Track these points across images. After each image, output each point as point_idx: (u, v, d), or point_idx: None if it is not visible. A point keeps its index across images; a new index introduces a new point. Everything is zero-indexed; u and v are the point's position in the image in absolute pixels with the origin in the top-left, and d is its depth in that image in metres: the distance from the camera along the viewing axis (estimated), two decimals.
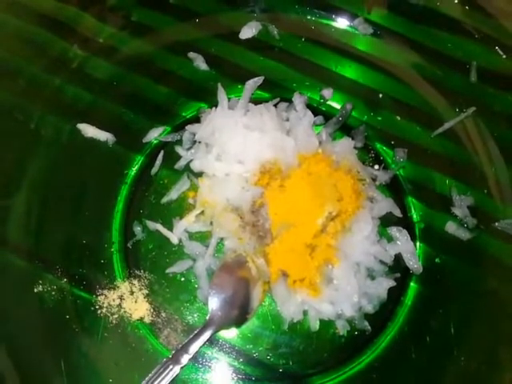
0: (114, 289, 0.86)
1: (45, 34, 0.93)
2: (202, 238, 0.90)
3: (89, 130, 0.93)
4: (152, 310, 0.86)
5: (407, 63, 1.00)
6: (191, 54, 0.99)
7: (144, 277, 0.88)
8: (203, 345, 0.81)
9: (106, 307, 0.85)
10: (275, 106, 0.96)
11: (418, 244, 0.92)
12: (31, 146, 0.90)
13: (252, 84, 0.94)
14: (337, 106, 1.01)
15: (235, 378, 0.84)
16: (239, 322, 0.85)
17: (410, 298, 0.89)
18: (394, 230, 0.91)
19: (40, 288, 0.83)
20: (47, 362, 0.81)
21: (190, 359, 0.79)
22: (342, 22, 1.02)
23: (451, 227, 0.91)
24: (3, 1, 0.93)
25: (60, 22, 0.95)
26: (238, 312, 0.84)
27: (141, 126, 0.97)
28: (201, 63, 0.99)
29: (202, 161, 0.90)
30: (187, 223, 0.88)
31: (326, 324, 0.86)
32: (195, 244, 0.89)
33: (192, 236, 0.90)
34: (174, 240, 0.89)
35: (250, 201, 0.86)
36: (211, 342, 0.85)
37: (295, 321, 0.85)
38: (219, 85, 0.92)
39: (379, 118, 1.00)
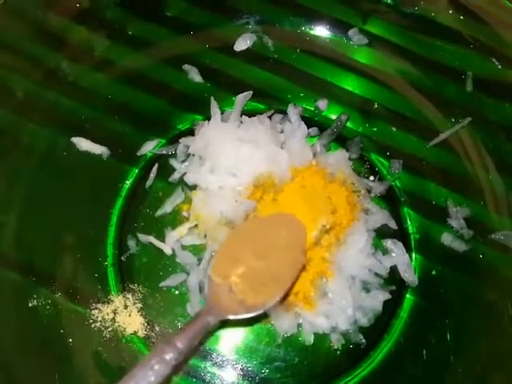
0: (108, 303, 0.86)
1: (40, 47, 0.94)
2: (196, 250, 0.90)
3: (83, 144, 0.93)
4: (146, 324, 0.85)
5: (402, 73, 0.99)
6: (185, 67, 0.99)
7: (138, 290, 0.88)
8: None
9: (100, 321, 0.84)
10: (270, 117, 0.96)
11: (413, 256, 0.92)
12: (26, 160, 0.89)
13: (242, 98, 0.94)
14: (332, 116, 1.00)
15: None
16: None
17: (405, 311, 0.88)
18: (389, 243, 0.90)
19: (35, 302, 0.83)
20: (41, 377, 0.80)
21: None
22: (336, 33, 1.01)
23: (447, 239, 0.91)
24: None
25: (55, 36, 0.95)
26: None
27: (135, 139, 0.97)
28: (195, 75, 0.99)
29: (195, 174, 0.90)
30: (179, 234, 0.88)
31: (321, 337, 0.86)
32: (187, 254, 0.89)
33: (186, 249, 0.90)
34: (168, 251, 0.89)
35: (244, 214, 0.86)
36: (205, 355, 0.85)
37: (289, 334, 0.85)
38: (212, 98, 0.93)
39: (374, 129, 0.99)
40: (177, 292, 0.88)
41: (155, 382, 0.65)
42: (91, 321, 0.84)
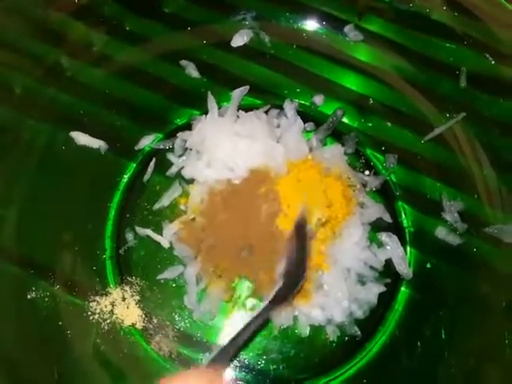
0: (106, 295, 0.87)
1: (38, 44, 0.94)
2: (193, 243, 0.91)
3: (81, 138, 0.93)
4: (144, 316, 0.86)
5: (397, 69, 1.00)
6: (183, 62, 1.00)
7: (136, 283, 0.89)
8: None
9: (99, 313, 0.85)
10: (266, 112, 0.97)
11: (408, 249, 0.93)
12: (25, 155, 0.90)
13: (239, 93, 0.95)
14: (328, 112, 1.01)
15: None
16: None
17: (400, 303, 0.89)
18: (384, 236, 0.91)
19: (33, 294, 0.83)
20: (40, 368, 0.81)
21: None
22: (332, 29, 1.02)
23: (441, 232, 0.92)
24: None
25: (53, 32, 0.95)
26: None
27: (133, 133, 0.98)
28: (192, 70, 1.00)
29: (192, 168, 0.91)
30: (176, 227, 0.89)
31: (317, 329, 0.87)
32: (185, 247, 0.90)
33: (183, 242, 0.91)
34: (165, 244, 0.90)
35: None
36: (201, 347, 0.86)
37: (285, 326, 0.86)
38: (209, 93, 0.94)
39: (370, 124, 1.00)
40: (174, 284, 0.89)
41: None
42: (90, 313, 0.85)
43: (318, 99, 1.01)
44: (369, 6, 1.01)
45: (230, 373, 0.85)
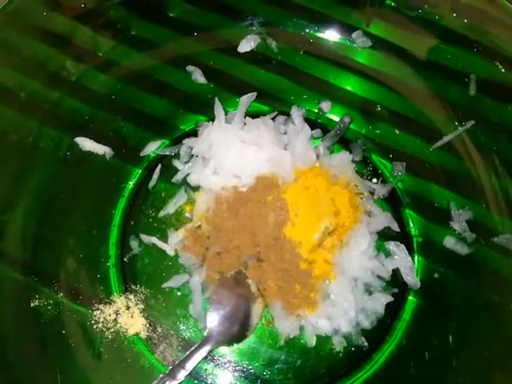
0: (110, 303, 0.86)
1: (44, 48, 0.94)
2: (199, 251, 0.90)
3: (87, 144, 0.93)
4: (148, 325, 0.85)
5: (405, 76, 0.99)
6: (189, 68, 0.99)
7: (140, 291, 0.88)
8: (200, 361, 0.81)
9: (102, 322, 0.84)
10: (273, 119, 0.96)
11: (416, 258, 0.92)
12: (30, 160, 0.90)
13: (246, 99, 0.94)
14: (335, 118, 1.01)
15: None
16: (238, 338, 0.84)
17: (408, 313, 0.88)
18: (391, 245, 0.90)
19: (36, 302, 0.83)
20: (43, 377, 0.80)
21: (186, 375, 0.79)
22: (340, 35, 1.02)
23: (450, 242, 0.91)
24: (4, 17, 0.93)
25: (59, 37, 0.95)
26: (237, 329, 0.83)
27: (139, 139, 0.97)
28: (199, 76, 0.99)
29: (198, 175, 0.90)
30: (181, 234, 0.88)
31: (323, 340, 0.86)
32: (190, 255, 0.89)
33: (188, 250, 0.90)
34: (170, 252, 0.89)
35: None
36: (207, 357, 0.85)
37: (292, 336, 0.85)
38: (216, 99, 0.93)
39: (377, 131, 1.00)
40: (179, 293, 0.88)
41: None
42: (93, 322, 0.84)
43: (325, 106, 1.00)
44: (377, 12, 1.01)
45: (235, 383, 0.84)
